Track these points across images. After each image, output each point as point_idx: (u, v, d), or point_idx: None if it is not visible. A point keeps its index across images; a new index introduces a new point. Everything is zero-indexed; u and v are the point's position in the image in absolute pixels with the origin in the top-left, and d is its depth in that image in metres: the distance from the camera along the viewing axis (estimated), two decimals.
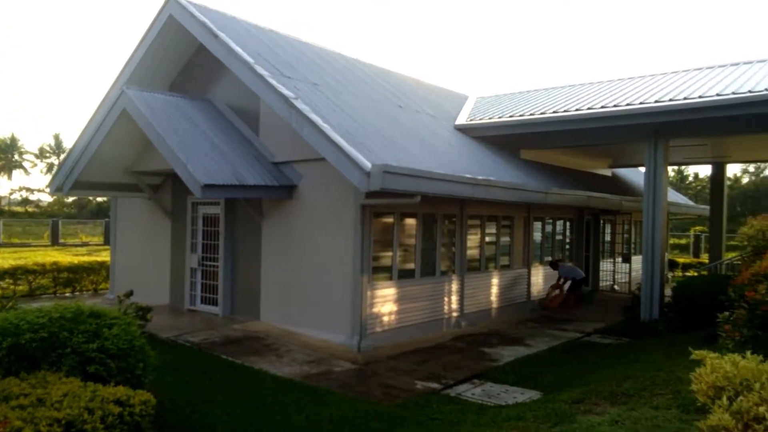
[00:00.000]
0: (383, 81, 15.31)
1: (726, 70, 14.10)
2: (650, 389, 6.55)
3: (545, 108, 14.05)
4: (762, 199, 49.46)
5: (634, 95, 13.14)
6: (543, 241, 15.75)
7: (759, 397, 2.84)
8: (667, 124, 12.35)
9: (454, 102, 17.31)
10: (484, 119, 14.74)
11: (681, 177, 58.92)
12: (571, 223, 17.10)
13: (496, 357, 10.04)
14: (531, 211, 14.73)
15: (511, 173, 13.27)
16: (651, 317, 12.65)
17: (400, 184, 9.04)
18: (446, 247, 12.17)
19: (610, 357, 9.81)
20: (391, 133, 11.63)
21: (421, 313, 11.31)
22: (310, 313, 10.59)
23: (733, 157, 19.13)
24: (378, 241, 10.40)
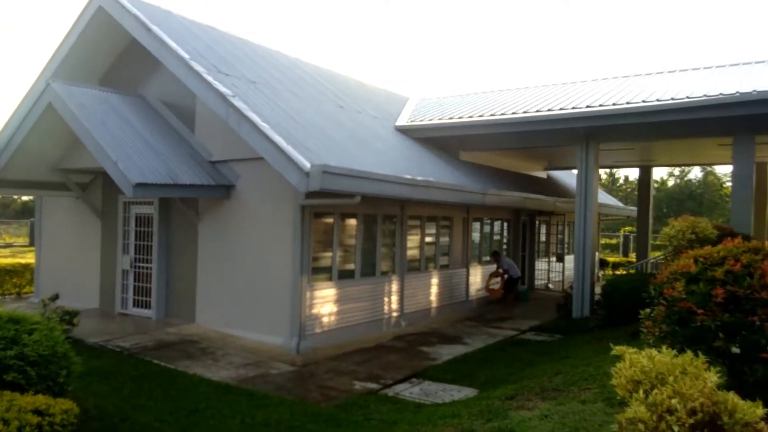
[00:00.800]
0: (324, 81, 15.23)
1: (655, 78, 14.84)
2: (579, 384, 6.81)
3: (484, 111, 14.36)
4: (686, 201, 52.23)
5: (569, 100, 13.61)
6: (481, 241, 16.09)
7: (672, 389, 2.99)
8: (597, 129, 12.88)
9: (396, 103, 17.43)
10: (424, 120, 14.91)
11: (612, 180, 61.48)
12: (508, 223, 17.55)
13: (434, 356, 10.17)
14: (470, 211, 15.02)
15: (450, 174, 13.48)
16: (582, 314, 13.14)
17: (340, 184, 9.02)
18: (387, 247, 12.23)
19: (543, 353, 10.12)
20: (332, 133, 11.58)
21: (361, 313, 11.31)
22: (248, 315, 10.41)
23: (659, 161, 20.15)
24: (318, 242, 10.34)
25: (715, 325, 4.71)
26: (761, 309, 4.57)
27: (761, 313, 4.56)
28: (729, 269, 4.83)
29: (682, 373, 3.23)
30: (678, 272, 5.18)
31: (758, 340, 4.51)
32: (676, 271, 5.22)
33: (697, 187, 54.35)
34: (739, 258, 4.91)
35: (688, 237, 8.69)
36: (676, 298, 4.96)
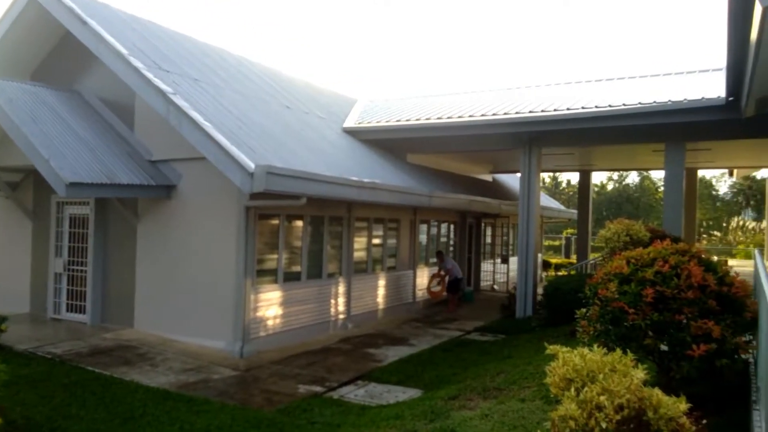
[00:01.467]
0: (271, 80, 15.03)
1: (596, 85, 15.37)
2: (519, 383, 6.97)
3: (431, 114, 14.50)
4: (624, 204, 54.39)
5: (513, 105, 13.91)
6: (428, 243, 16.24)
7: (601, 387, 3.09)
8: (540, 133, 13.23)
9: (344, 105, 17.39)
10: (372, 122, 14.93)
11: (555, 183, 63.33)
12: (454, 225, 17.79)
13: (380, 357, 10.18)
14: (417, 213, 15.14)
15: (397, 176, 13.55)
16: (525, 314, 13.46)
17: (285, 185, 8.91)
18: (334, 249, 12.17)
19: (487, 353, 10.30)
20: (278, 133, 11.44)
21: (307, 316, 11.21)
22: (190, 319, 10.13)
23: (598, 166, 20.88)
24: (263, 244, 10.18)
25: (645, 324, 4.89)
26: (687, 308, 4.79)
27: (687, 312, 4.77)
28: (658, 270, 5.04)
29: (611, 370, 3.34)
30: (611, 273, 5.36)
31: (684, 337, 4.72)
32: (609, 272, 5.40)
33: (635, 191, 56.68)
34: (667, 259, 5.13)
35: (623, 239, 9.05)
36: (610, 298, 5.13)
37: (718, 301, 4.85)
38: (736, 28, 6.66)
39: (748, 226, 41.30)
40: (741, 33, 6.73)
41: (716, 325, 4.63)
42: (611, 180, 57.52)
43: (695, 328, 4.66)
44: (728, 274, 5.08)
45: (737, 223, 42.18)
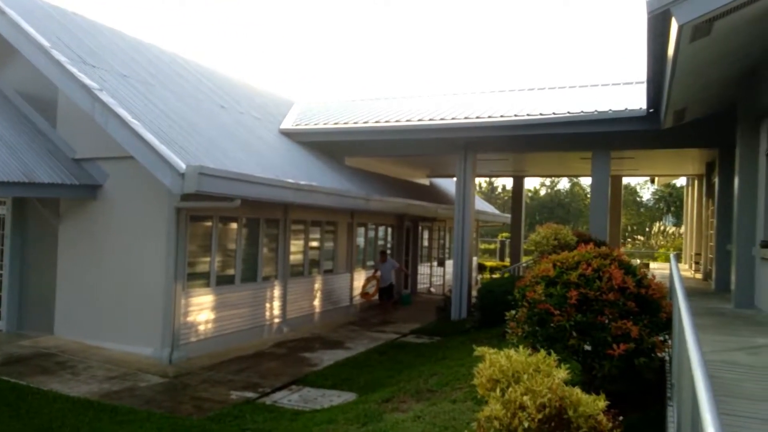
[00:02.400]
0: (205, 79, 14.65)
1: (530, 94, 15.86)
2: (452, 384, 7.08)
3: (369, 117, 14.55)
4: (556, 209, 56.36)
5: (450, 111, 14.15)
6: (366, 246, 16.26)
7: (525, 387, 3.17)
8: (475, 139, 13.53)
9: (281, 106, 17.18)
10: (309, 125, 14.82)
11: (492, 188, 64.92)
12: (392, 228, 17.90)
13: (316, 361, 10.09)
14: (354, 216, 15.14)
15: (335, 179, 13.50)
16: (460, 316, 13.69)
17: (218, 187, 8.70)
18: (269, 251, 11.98)
19: (422, 355, 10.40)
20: (211, 133, 11.15)
21: (241, 320, 10.97)
22: (116, 325, 9.71)
23: (531, 172, 21.57)
24: (195, 246, 9.90)
25: (569, 325, 5.07)
26: (608, 309, 5.00)
27: (608, 313, 4.98)
28: (582, 273, 5.24)
29: (535, 371, 3.44)
30: (539, 276, 5.53)
31: (605, 337, 4.92)
32: (537, 275, 5.57)
33: (566, 197, 58.87)
34: (590, 262, 5.34)
35: (551, 243, 9.38)
36: (537, 300, 5.29)
37: (637, 302, 5.09)
38: (655, 44, 7.04)
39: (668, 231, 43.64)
40: (659, 49, 7.12)
41: (634, 325, 4.85)
42: (544, 185, 59.48)
43: (615, 328, 4.86)
44: (646, 276, 5.34)
45: (658, 228, 44.51)
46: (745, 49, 7.74)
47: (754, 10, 6.16)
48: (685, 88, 8.55)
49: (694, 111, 10.69)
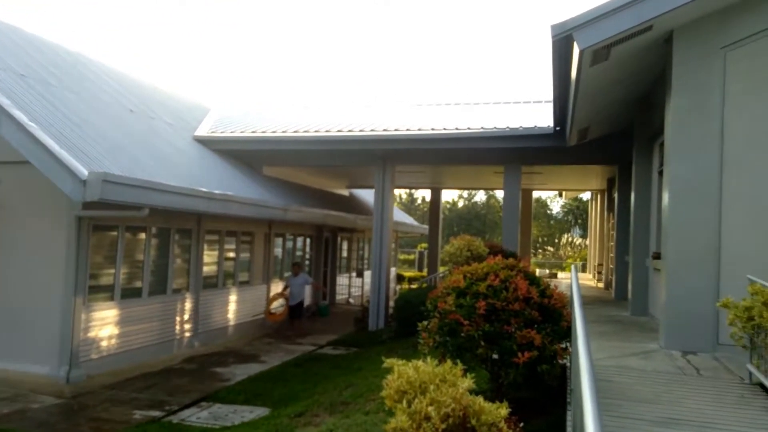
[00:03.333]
0: (114, 82, 13.95)
1: (449, 108, 16.29)
2: (366, 395, 7.08)
3: (288, 127, 14.39)
4: (473, 220, 58.08)
5: (370, 123, 14.28)
6: (283, 257, 16.02)
7: (430, 398, 3.22)
8: (394, 151, 13.71)
9: (196, 112, 16.65)
10: (226, 132, 14.46)
11: (411, 199, 66.01)
12: (311, 239, 17.76)
13: (228, 376, 9.80)
14: (272, 227, 14.89)
15: (252, 189, 13.22)
16: (378, 327, 13.77)
17: (125, 195, 8.28)
18: (181, 263, 11.53)
19: (339, 367, 10.35)
20: (118, 138, 10.62)
21: (148, 335, 10.46)
22: (10, 342, 8.94)
23: (448, 184, 22.12)
24: (99, 257, 9.35)
25: (478, 335, 5.21)
26: (514, 319, 5.19)
27: (514, 322, 5.17)
28: (490, 284, 5.41)
29: (441, 381, 3.50)
30: (450, 287, 5.66)
31: (511, 346, 5.10)
32: (448, 286, 5.70)
33: (482, 209, 60.80)
34: (498, 274, 5.53)
35: (465, 254, 9.65)
36: (447, 310, 5.40)
37: (540, 311, 5.32)
38: (560, 66, 7.45)
39: (575, 242, 46.06)
40: (564, 71, 7.55)
41: (538, 333, 5.06)
42: (462, 198, 61.16)
43: (520, 337, 5.05)
44: (549, 287, 5.59)
45: (567, 239, 46.89)
46: (639, 75, 8.36)
47: (645, 40, 6.67)
48: (588, 108, 9.11)
49: (596, 130, 11.40)
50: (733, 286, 5.89)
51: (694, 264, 6.55)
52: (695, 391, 5.06)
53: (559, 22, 6.18)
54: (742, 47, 6.46)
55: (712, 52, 6.51)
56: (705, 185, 6.52)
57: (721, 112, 6.49)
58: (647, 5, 5.89)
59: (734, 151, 6.50)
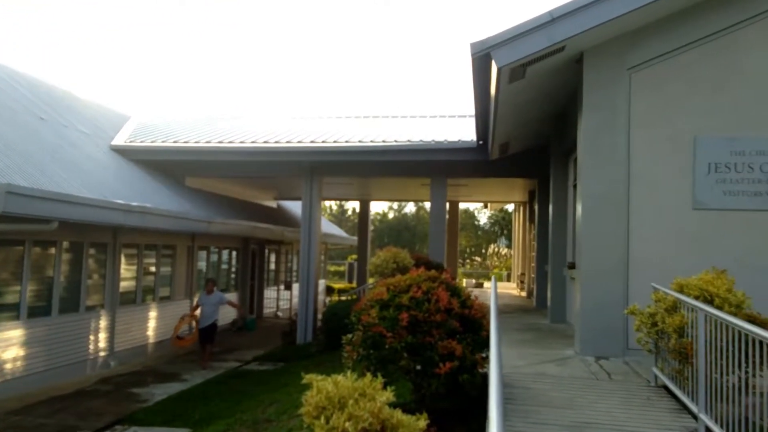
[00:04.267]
0: (22, 87, 13.13)
1: (376, 121, 16.44)
2: (290, 412, 6.95)
3: (213, 137, 14.04)
4: (403, 231, 58.72)
5: (297, 134, 14.16)
6: (207, 270, 15.55)
7: (348, 413, 3.20)
8: (321, 163, 13.65)
9: (114, 120, 15.93)
10: (146, 142, 13.91)
11: (342, 211, 65.95)
12: (237, 252, 17.34)
13: (146, 397, 9.36)
14: (195, 240, 14.43)
15: (173, 201, 12.76)
16: (306, 340, 13.58)
17: (31, 207, 7.77)
18: (96, 278, 10.94)
19: (264, 383, 10.12)
20: (26, 147, 9.98)
21: (59, 355, 9.85)
22: None
23: (377, 196, 22.25)
24: (3, 274, 8.73)
25: (401, 346, 5.24)
26: (436, 330, 5.25)
27: (435, 333, 5.23)
28: (412, 296, 5.46)
29: (361, 395, 3.48)
30: (373, 299, 5.66)
31: (433, 357, 5.16)
32: (372, 299, 5.70)
33: (412, 220, 61.57)
34: (420, 285, 5.59)
35: (391, 266, 9.71)
36: (371, 323, 5.40)
37: (461, 322, 5.42)
38: (480, 83, 7.69)
39: (501, 252, 47.46)
40: (484, 87, 7.79)
41: (459, 344, 5.15)
42: (392, 209, 61.72)
43: (442, 347, 5.12)
44: (469, 297, 5.71)
45: (493, 249, 48.23)
46: (554, 93, 8.76)
47: (558, 60, 7.01)
48: (507, 123, 9.45)
49: (517, 145, 11.83)
50: (640, 294, 6.23)
51: (606, 273, 6.89)
52: (606, 395, 5.30)
53: (478, 41, 6.38)
54: (645, 69, 6.91)
55: (619, 73, 6.92)
56: (614, 198, 6.89)
57: (628, 130, 6.90)
58: (559, 27, 6.19)
59: (640, 166, 6.91)
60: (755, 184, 6.68)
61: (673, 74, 6.89)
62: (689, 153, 6.80)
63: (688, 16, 6.80)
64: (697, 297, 4.90)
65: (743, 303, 4.84)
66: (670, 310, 5.10)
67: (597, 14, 6.16)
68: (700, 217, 6.80)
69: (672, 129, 6.88)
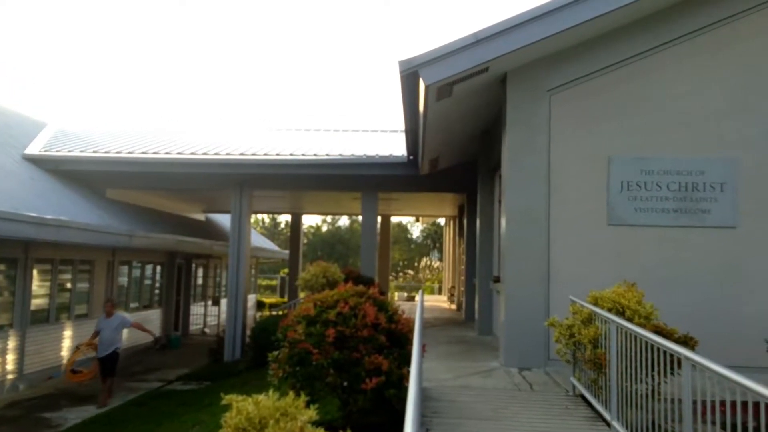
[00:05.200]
0: None
1: (310, 134, 16.36)
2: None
3: (136, 147, 13.51)
4: (337, 245, 58.43)
5: (226, 146, 13.86)
6: (129, 286, 14.88)
7: None
8: (250, 176, 13.40)
9: (28, 128, 15.03)
10: (62, 152, 13.19)
11: (275, 224, 64.93)
12: (162, 266, 16.70)
13: (59, 422, 8.81)
14: (116, 254, 13.79)
15: (92, 213, 12.15)
16: (234, 358, 13.21)
17: None
18: (5, 296, 10.22)
19: (188, 404, 9.75)
20: None
21: None
22: None
23: (309, 209, 22.10)
24: None
25: (327, 363, 5.20)
26: (363, 345, 5.25)
27: (362, 349, 5.22)
28: (340, 311, 5.44)
29: (282, 415, 3.42)
30: (300, 315, 5.60)
31: (360, 373, 5.15)
32: (299, 315, 5.63)
33: (346, 233, 61.44)
34: (348, 301, 5.57)
35: (320, 281, 9.62)
36: (297, 339, 5.33)
37: (388, 337, 5.44)
38: (410, 100, 7.83)
39: (433, 266, 48.16)
40: (413, 104, 7.94)
41: (385, 359, 5.16)
42: (325, 222, 61.38)
43: (368, 363, 5.12)
44: (396, 312, 5.75)
45: (425, 263, 48.87)
46: (480, 111, 9.04)
47: (484, 80, 7.25)
48: (436, 140, 9.65)
49: (446, 160, 12.09)
50: (561, 306, 6.46)
51: (528, 286, 7.12)
52: (528, 405, 5.45)
53: (406, 59, 6.50)
54: (563, 91, 7.25)
55: (540, 94, 7.23)
56: (536, 214, 7.16)
57: (548, 149, 7.21)
58: (482, 49, 6.40)
59: (560, 183, 7.22)
60: (663, 201, 7.12)
61: (589, 97, 7.27)
62: (604, 171, 7.18)
63: (602, 43, 7.20)
64: (610, 309, 5.15)
65: (651, 314, 5.13)
66: (586, 322, 5.33)
67: (517, 38, 6.42)
68: (614, 233, 7.17)
69: (588, 148, 7.25)
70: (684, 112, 7.20)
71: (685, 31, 7.16)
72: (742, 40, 7.21)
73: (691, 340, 4.99)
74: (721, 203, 7.05)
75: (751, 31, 7.21)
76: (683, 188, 7.10)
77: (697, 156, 7.12)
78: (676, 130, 7.20)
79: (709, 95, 7.20)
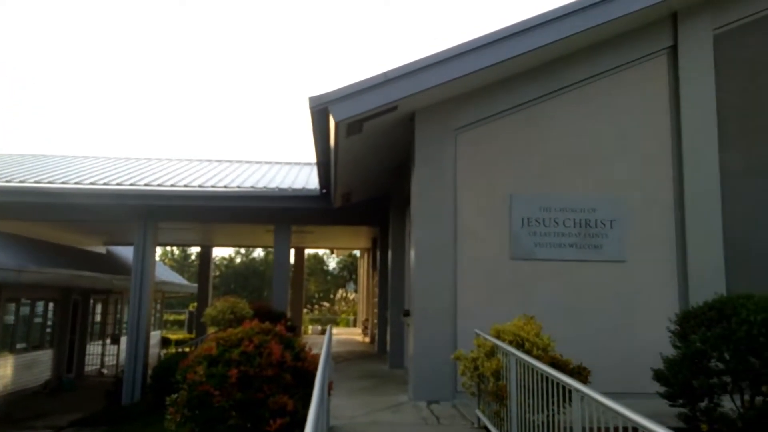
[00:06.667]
0: None
1: (222, 165, 15.94)
2: None
3: (28, 176, 12.60)
4: (251, 277, 56.81)
5: (130, 176, 13.23)
6: (17, 326, 13.67)
7: None
8: (156, 207, 12.80)
9: None
10: None
11: (185, 256, 62.30)
12: (55, 303, 15.53)
13: None
14: (3, 290, 12.67)
15: None
16: (134, 400, 12.39)
17: None
18: None
19: None
20: None
21: None
22: None
23: (220, 242, 21.40)
24: None
25: (229, 405, 5.00)
26: (267, 385, 5.10)
27: (266, 389, 5.08)
28: (244, 350, 5.27)
29: None
30: (201, 355, 5.37)
31: (264, 414, 4.98)
32: (200, 355, 5.40)
33: (261, 265, 59.96)
34: (252, 339, 5.41)
35: (228, 317, 9.29)
36: (197, 381, 5.10)
37: (294, 375, 5.32)
38: (320, 135, 7.86)
39: (349, 297, 47.92)
40: (324, 139, 7.97)
41: (290, 399, 5.04)
42: (239, 253, 59.68)
43: (272, 403, 4.98)
44: (303, 349, 5.65)
45: (341, 294, 48.52)
46: (391, 148, 9.23)
47: (394, 118, 7.44)
48: (348, 174, 9.72)
49: (359, 194, 12.18)
50: (467, 340, 6.59)
51: (436, 320, 7.23)
52: None
53: (316, 95, 6.55)
54: (468, 131, 7.58)
55: (447, 132, 7.50)
56: (443, 249, 7.34)
57: (455, 185, 7.46)
58: (391, 88, 6.58)
59: (466, 219, 7.47)
60: (560, 236, 7.53)
61: (492, 137, 7.64)
62: (506, 208, 7.51)
63: (503, 87, 7.62)
64: (511, 342, 5.33)
65: (549, 346, 5.36)
66: (489, 355, 5.48)
67: (424, 79, 6.65)
68: (516, 267, 7.48)
69: (491, 186, 7.57)
70: (577, 153, 7.72)
71: (573, 80, 7.75)
72: (624, 89, 7.88)
73: (584, 371, 5.24)
74: (611, 239, 7.56)
75: (631, 82, 7.90)
76: (578, 225, 7.55)
77: (589, 194, 7.62)
78: (571, 170, 7.69)
79: (598, 138, 7.78)
